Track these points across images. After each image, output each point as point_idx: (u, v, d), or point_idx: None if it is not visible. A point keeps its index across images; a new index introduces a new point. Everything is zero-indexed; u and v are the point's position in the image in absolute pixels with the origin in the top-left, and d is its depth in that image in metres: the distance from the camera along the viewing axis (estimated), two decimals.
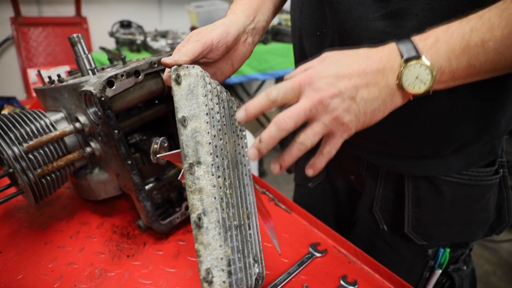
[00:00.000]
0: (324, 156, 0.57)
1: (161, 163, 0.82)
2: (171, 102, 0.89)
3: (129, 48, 2.84)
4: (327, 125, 0.52)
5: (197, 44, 0.63)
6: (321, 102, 0.51)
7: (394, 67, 0.51)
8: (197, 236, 0.52)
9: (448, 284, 0.90)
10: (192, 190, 0.53)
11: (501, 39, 0.46)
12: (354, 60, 0.52)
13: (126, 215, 0.95)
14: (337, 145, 0.56)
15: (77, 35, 0.84)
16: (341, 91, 0.51)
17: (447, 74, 0.50)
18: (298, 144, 0.54)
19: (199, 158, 0.54)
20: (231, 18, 0.72)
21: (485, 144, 0.76)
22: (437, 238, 0.85)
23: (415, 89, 0.51)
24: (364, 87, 0.51)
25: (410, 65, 0.49)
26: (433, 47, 0.50)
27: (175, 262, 0.80)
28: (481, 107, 0.68)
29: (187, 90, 0.56)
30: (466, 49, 0.48)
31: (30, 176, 0.72)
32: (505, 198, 0.85)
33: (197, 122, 0.55)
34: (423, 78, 0.50)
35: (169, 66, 0.60)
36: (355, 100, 0.51)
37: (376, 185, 0.89)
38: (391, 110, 0.55)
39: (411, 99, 0.53)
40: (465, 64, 0.49)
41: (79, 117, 0.78)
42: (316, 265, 0.82)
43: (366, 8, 0.64)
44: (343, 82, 0.51)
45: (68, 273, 0.75)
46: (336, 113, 0.51)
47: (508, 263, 2.48)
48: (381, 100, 0.52)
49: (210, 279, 0.50)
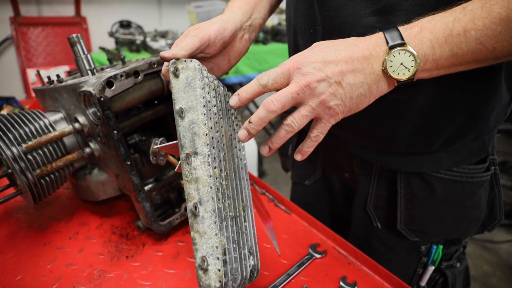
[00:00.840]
0: (311, 140, 0.59)
1: (160, 163, 0.82)
2: (171, 103, 0.89)
3: (129, 48, 2.84)
4: (314, 109, 0.55)
5: (195, 39, 0.64)
6: (308, 86, 0.53)
7: (379, 54, 0.54)
8: (193, 224, 0.53)
9: (442, 280, 0.92)
10: (189, 179, 0.54)
11: (482, 29, 0.48)
12: (342, 47, 0.55)
13: (125, 216, 0.95)
14: (324, 130, 0.58)
15: (77, 35, 0.84)
16: (328, 76, 0.53)
17: (430, 62, 0.52)
18: (286, 126, 0.56)
19: (196, 149, 0.55)
20: (229, 15, 0.74)
21: (474, 139, 0.77)
22: (429, 234, 0.86)
23: (399, 75, 0.53)
24: (350, 72, 0.53)
25: (395, 51, 0.52)
26: (418, 36, 0.52)
27: (174, 263, 0.80)
28: (469, 101, 0.69)
29: (184, 83, 0.57)
30: (449, 38, 0.50)
31: (29, 177, 0.72)
32: (497, 195, 0.86)
33: (194, 114, 0.56)
34: (407, 65, 0.52)
35: (167, 59, 0.61)
36: (341, 84, 0.53)
37: (369, 182, 0.90)
38: (377, 96, 0.57)
39: (396, 85, 0.55)
40: (448, 52, 0.51)
41: (78, 118, 0.78)
42: (315, 266, 0.82)
43: (357, 4, 0.66)
44: (330, 68, 0.53)
45: (67, 274, 0.75)
46: (323, 96, 0.54)
47: (507, 264, 2.48)
48: (366, 86, 0.54)
49: (205, 267, 0.51)
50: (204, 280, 0.51)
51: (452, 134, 0.74)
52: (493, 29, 0.48)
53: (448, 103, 0.69)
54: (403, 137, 0.76)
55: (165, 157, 0.82)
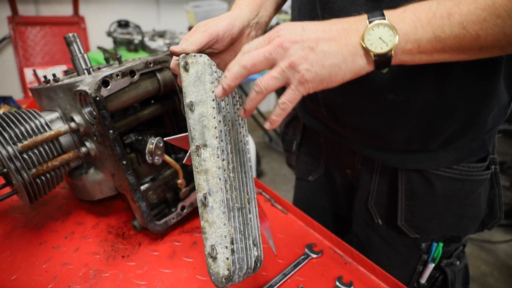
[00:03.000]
0: (279, 108, 0.57)
1: (156, 163, 0.82)
2: (167, 102, 0.90)
3: (127, 47, 2.84)
4: (284, 71, 0.54)
5: (204, 35, 0.65)
6: (281, 45, 0.53)
7: (359, 28, 0.53)
8: (203, 214, 0.56)
9: (441, 278, 0.92)
10: (199, 171, 0.57)
11: (466, 13, 0.48)
12: (324, 22, 0.56)
13: (121, 215, 0.95)
14: (292, 97, 0.56)
15: (73, 34, 0.84)
16: (302, 39, 0.53)
17: (411, 42, 0.51)
18: (256, 87, 0.56)
19: (206, 141, 0.57)
20: (237, 12, 0.75)
21: (472, 139, 0.77)
22: (429, 231, 0.87)
23: (377, 49, 0.51)
24: (326, 40, 0.53)
25: (374, 25, 0.51)
26: (400, 15, 0.52)
27: (170, 262, 0.80)
28: (467, 104, 0.70)
29: (194, 77, 0.59)
30: (432, 20, 0.50)
31: (24, 176, 0.72)
32: (497, 194, 0.87)
33: (204, 107, 0.58)
34: (386, 39, 0.51)
35: (177, 54, 0.62)
36: (315, 50, 0.53)
37: (371, 179, 0.91)
38: (352, 73, 0.55)
39: (374, 64, 0.53)
40: (430, 34, 0.50)
41: (74, 117, 0.78)
42: (312, 266, 0.82)
43: (358, 7, 0.66)
44: (306, 33, 0.54)
45: (63, 274, 0.75)
46: (293, 58, 0.53)
47: (505, 264, 2.48)
48: (341, 56, 0.53)
49: (215, 255, 0.54)
50: (214, 268, 0.54)
51: (450, 135, 0.75)
52: (478, 14, 0.48)
53: (447, 106, 0.70)
54: (402, 136, 0.77)
55: (161, 157, 0.82)
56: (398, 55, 0.53)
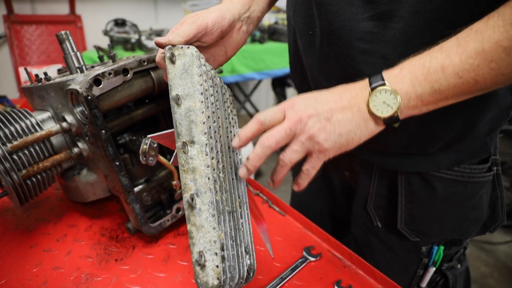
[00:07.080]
0: (304, 174, 0.61)
1: (150, 164, 0.80)
2: (162, 102, 0.87)
3: (124, 47, 2.81)
4: (304, 143, 0.57)
5: (192, 26, 0.63)
6: (300, 121, 0.57)
7: (365, 95, 0.57)
8: (190, 217, 0.50)
9: (442, 282, 0.91)
10: (185, 169, 0.52)
11: (459, 64, 0.50)
12: (333, 91, 0.60)
13: (115, 217, 0.93)
14: (314, 165, 0.60)
15: (65, 32, 0.82)
16: (318, 112, 0.57)
17: (414, 99, 0.55)
18: (279, 161, 0.60)
19: (193, 138, 0.53)
20: (227, 5, 0.73)
21: (472, 142, 0.76)
22: (430, 234, 0.85)
23: (383, 113, 0.55)
24: (339, 110, 0.57)
25: (377, 91, 0.55)
26: (398, 76, 0.55)
27: (164, 266, 0.78)
28: (466, 109, 0.69)
29: (181, 69, 0.56)
30: (428, 76, 0.53)
31: (14, 178, 0.70)
32: (499, 196, 0.85)
33: (192, 101, 0.54)
34: (390, 102, 0.55)
35: (162, 46, 0.60)
36: (330, 121, 0.57)
37: (370, 181, 0.89)
38: (367, 135, 0.59)
39: (384, 124, 0.57)
40: (429, 89, 0.53)
41: (66, 117, 0.76)
42: (310, 270, 0.80)
43: (355, 9, 0.66)
44: (320, 105, 0.58)
45: (53, 278, 0.72)
46: (312, 131, 0.57)
47: (505, 265, 2.47)
48: (354, 123, 0.57)
49: (203, 263, 0.48)
50: (202, 277, 0.48)
51: (450, 140, 0.74)
52: (470, 63, 0.50)
53: (445, 112, 0.68)
54: (400, 141, 0.76)
55: (156, 158, 0.80)
56: (404, 112, 0.56)
